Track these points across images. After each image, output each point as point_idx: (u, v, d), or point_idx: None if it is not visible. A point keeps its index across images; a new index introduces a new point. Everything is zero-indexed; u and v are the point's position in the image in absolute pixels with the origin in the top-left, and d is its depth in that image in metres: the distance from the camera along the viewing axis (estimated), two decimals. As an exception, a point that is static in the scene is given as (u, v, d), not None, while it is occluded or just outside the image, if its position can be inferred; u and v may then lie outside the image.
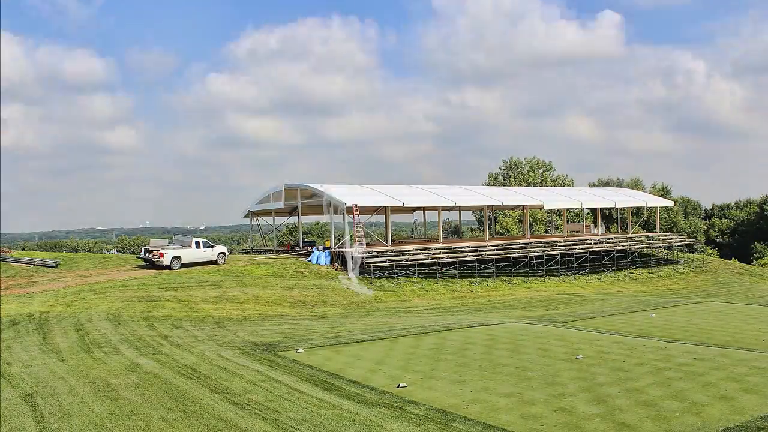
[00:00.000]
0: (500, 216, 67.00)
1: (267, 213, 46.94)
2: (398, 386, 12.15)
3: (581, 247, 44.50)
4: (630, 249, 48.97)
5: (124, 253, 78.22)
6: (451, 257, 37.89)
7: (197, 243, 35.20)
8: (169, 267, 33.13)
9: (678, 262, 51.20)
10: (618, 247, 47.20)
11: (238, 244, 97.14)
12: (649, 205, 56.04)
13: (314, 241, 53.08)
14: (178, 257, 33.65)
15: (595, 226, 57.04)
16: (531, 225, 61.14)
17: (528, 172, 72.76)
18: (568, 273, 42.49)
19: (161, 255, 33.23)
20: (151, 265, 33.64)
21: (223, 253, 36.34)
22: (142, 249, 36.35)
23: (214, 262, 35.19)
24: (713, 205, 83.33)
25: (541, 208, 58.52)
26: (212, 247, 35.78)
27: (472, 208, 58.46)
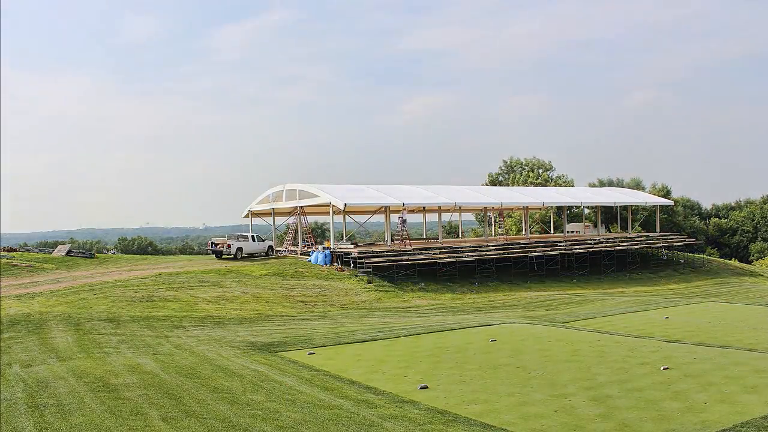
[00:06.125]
0: (498, 216, 66.93)
1: (267, 213, 46.94)
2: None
3: (581, 247, 44.48)
4: (630, 249, 48.95)
5: (126, 253, 78.15)
6: (451, 258, 37.87)
7: (253, 237, 41.63)
8: (234, 257, 39.63)
9: (678, 262, 51.18)
10: (618, 248, 47.17)
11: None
12: (649, 205, 56.03)
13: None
14: (241, 248, 40.13)
15: (595, 227, 57.02)
16: (531, 225, 61.09)
17: (528, 172, 72.74)
18: (568, 273, 42.48)
19: (228, 246, 39.72)
20: (218, 255, 40.25)
21: (272, 246, 42.40)
22: (210, 242, 42.60)
23: (266, 254, 41.35)
24: (713, 205, 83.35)
25: (541, 208, 58.56)
26: (264, 240, 42.30)
27: (473, 209, 58.42)
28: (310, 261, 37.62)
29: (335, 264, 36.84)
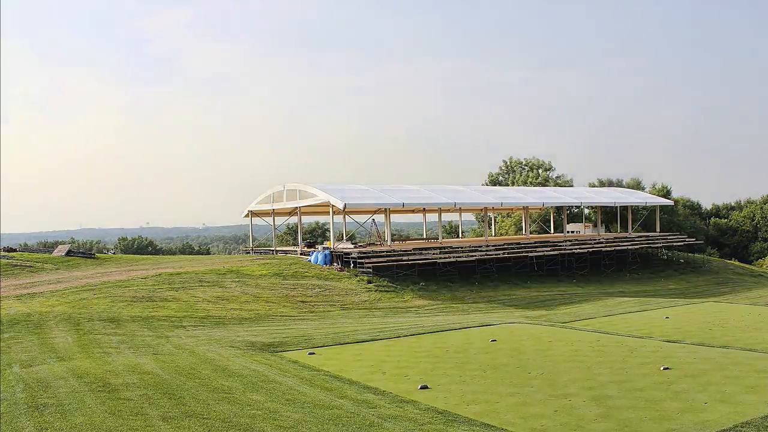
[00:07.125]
0: (498, 217, 66.96)
1: (267, 213, 46.94)
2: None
3: (581, 247, 44.48)
4: (630, 249, 48.94)
5: (126, 253, 78.18)
6: (451, 258, 37.88)
7: None
8: None
9: (678, 262, 51.18)
10: (618, 248, 47.17)
11: (239, 243, 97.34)
12: (649, 205, 56.02)
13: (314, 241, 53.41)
14: None
15: (596, 227, 57.03)
16: (530, 225, 61.09)
17: (528, 172, 72.77)
18: (568, 273, 42.47)
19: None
20: None
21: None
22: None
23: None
24: (713, 205, 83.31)
25: (541, 208, 58.57)
26: None
27: (473, 209, 58.41)
28: (310, 261, 37.63)
29: (335, 264, 36.85)
